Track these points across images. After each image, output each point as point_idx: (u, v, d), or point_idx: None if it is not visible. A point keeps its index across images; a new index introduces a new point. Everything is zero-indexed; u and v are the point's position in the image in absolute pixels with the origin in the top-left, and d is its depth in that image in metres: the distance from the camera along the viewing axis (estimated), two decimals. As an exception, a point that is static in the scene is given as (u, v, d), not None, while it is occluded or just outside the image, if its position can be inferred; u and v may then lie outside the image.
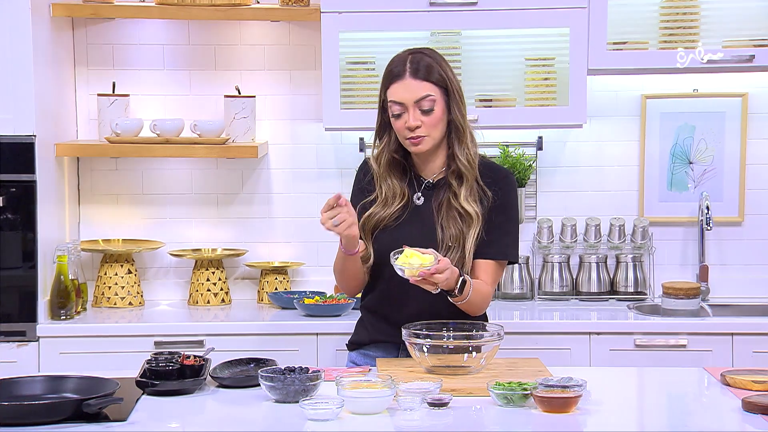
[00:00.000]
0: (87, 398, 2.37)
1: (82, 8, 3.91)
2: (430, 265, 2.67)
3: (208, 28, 4.11)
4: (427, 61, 2.88)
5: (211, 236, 4.18)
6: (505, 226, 2.91)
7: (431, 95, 2.85)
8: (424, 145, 2.87)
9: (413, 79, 2.85)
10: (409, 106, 2.85)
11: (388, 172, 2.93)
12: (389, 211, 2.91)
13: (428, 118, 2.85)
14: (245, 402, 2.57)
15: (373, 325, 2.99)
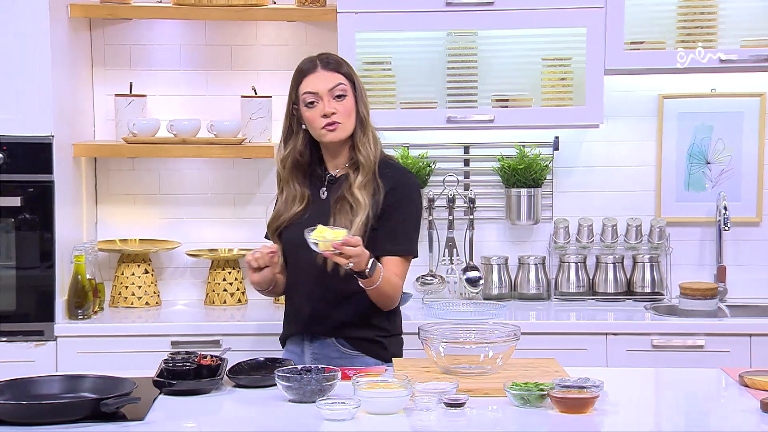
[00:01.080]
0: (104, 398, 2.38)
1: (100, 9, 3.93)
2: (340, 237, 2.74)
3: (224, 29, 4.12)
4: (335, 57, 3.07)
5: (228, 236, 4.19)
6: (409, 222, 3.02)
7: (343, 84, 3.00)
8: (339, 132, 2.99)
9: (324, 70, 3.01)
10: (323, 95, 2.98)
11: (291, 175, 3.06)
12: (289, 214, 3.04)
13: (342, 105, 2.98)
14: (261, 402, 2.58)
15: (286, 319, 3.12)
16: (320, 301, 3.01)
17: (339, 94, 2.99)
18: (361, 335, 3.00)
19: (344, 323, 3.01)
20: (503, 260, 4.11)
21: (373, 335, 3.02)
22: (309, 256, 2.92)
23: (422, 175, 4.10)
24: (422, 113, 3.96)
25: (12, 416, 2.33)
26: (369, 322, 3.02)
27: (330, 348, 3.02)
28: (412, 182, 3.07)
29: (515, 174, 4.07)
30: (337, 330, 3.02)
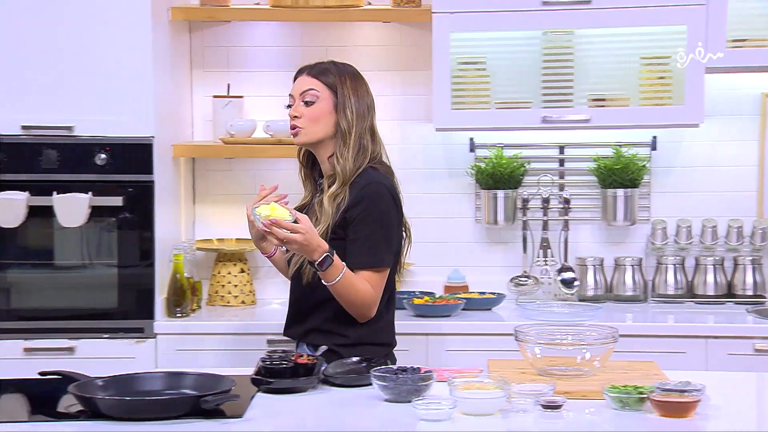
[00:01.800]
0: (204, 395, 2.41)
1: (199, 11, 3.99)
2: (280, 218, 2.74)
3: (319, 30, 4.15)
4: (327, 66, 3.05)
5: (322, 236, 4.21)
6: (375, 234, 2.94)
7: (314, 90, 2.99)
8: (300, 137, 3.00)
9: (306, 75, 3.03)
10: (296, 98, 3.01)
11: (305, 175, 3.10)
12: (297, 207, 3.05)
13: (308, 111, 2.98)
14: (357, 401, 2.58)
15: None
16: (296, 306, 3.05)
17: (307, 100, 2.98)
18: (322, 343, 2.94)
19: (312, 329, 3.00)
20: (599, 261, 4.07)
21: (330, 343, 2.94)
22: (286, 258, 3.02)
23: (516, 175, 4.07)
24: (517, 113, 3.93)
25: (115, 411, 2.37)
26: (334, 330, 2.97)
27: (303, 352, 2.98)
28: (376, 193, 2.96)
29: (612, 174, 4.02)
30: (307, 336, 3.01)
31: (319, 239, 2.80)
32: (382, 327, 3.02)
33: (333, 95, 2.99)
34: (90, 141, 3.71)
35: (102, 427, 2.34)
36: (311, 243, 2.79)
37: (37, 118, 3.69)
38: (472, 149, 4.12)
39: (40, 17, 3.68)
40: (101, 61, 3.68)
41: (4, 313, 3.75)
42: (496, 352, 3.15)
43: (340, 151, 2.98)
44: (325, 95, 2.99)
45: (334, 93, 2.99)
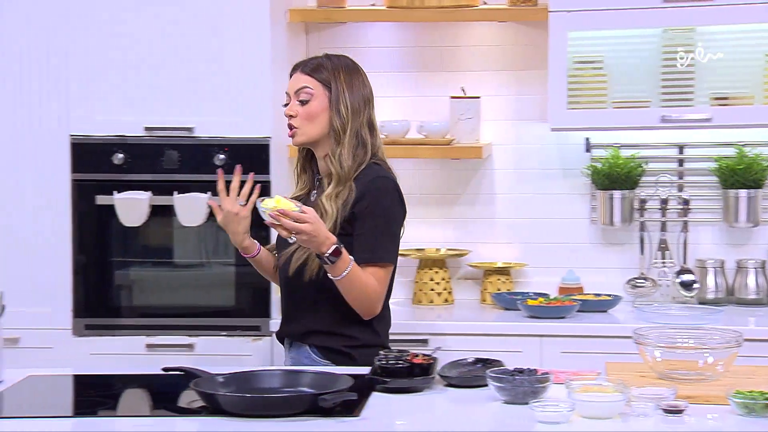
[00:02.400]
0: (322, 393, 2.43)
1: (317, 13, 4.03)
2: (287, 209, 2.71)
3: (434, 30, 4.15)
4: (321, 61, 3.02)
5: (435, 236, 4.21)
6: (380, 230, 2.92)
7: (308, 87, 2.96)
8: (297, 137, 2.98)
9: (300, 72, 3.00)
10: (291, 96, 2.99)
11: (303, 169, 3.06)
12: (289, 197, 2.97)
13: (303, 110, 2.95)
14: (473, 401, 2.57)
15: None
16: (292, 306, 2.99)
17: (302, 99, 2.96)
18: (328, 344, 2.93)
19: (314, 330, 2.95)
20: (719, 263, 3.97)
21: (339, 345, 2.94)
22: (283, 261, 2.95)
23: (633, 175, 4.01)
24: (635, 113, 3.87)
25: (235, 408, 2.41)
26: (337, 331, 2.94)
27: (303, 354, 2.97)
28: (382, 188, 2.94)
29: (734, 174, 3.92)
30: (308, 336, 2.96)
31: (327, 231, 2.79)
32: (384, 326, 3.03)
33: (327, 92, 2.96)
34: (209, 141, 3.79)
35: (223, 424, 2.37)
36: (320, 233, 2.76)
37: (159, 119, 3.78)
38: (588, 149, 4.07)
39: (162, 21, 3.77)
40: (221, 64, 3.75)
41: (127, 310, 3.86)
42: (613, 355, 3.09)
43: (334, 150, 2.94)
44: (320, 92, 2.96)
45: (328, 89, 2.96)
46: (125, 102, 3.79)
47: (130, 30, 3.77)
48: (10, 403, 2.59)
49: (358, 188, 2.93)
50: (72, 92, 3.79)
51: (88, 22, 3.78)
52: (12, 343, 3.51)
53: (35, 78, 3.80)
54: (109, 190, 3.79)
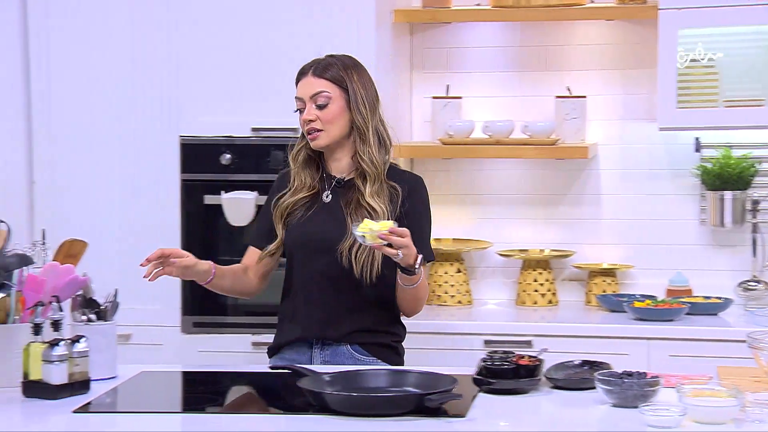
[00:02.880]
0: (428, 393, 2.42)
1: (422, 14, 4.03)
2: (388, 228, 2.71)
3: (539, 29, 4.12)
4: (330, 61, 2.99)
5: (539, 237, 4.18)
6: (427, 227, 3.01)
7: (326, 92, 2.94)
8: (320, 140, 2.95)
9: (312, 76, 2.97)
10: (306, 101, 2.95)
11: (302, 168, 3.01)
12: (296, 198, 2.98)
13: (322, 113, 2.93)
14: (580, 404, 2.54)
15: (287, 324, 3.01)
16: (335, 307, 2.94)
17: (320, 103, 2.94)
18: (378, 341, 2.96)
19: (360, 330, 2.95)
20: (836, 266, 3.86)
21: (389, 341, 3.00)
22: (323, 261, 2.91)
23: (745, 176, 3.91)
24: (747, 111, 3.79)
25: (341, 406, 2.42)
26: (383, 329, 2.98)
27: (343, 355, 2.95)
28: (424, 186, 3.03)
29: None
30: (351, 336, 2.95)
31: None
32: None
33: (344, 93, 2.96)
34: (315, 142, 3.82)
35: (329, 422, 2.39)
36: (412, 244, 2.79)
37: (266, 120, 3.82)
38: (697, 149, 3.99)
39: (268, 23, 3.81)
40: (326, 64, 3.77)
41: (234, 308, 3.91)
42: (724, 359, 3.04)
43: (361, 149, 2.95)
44: (336, 94, 2.95)
45: (344, 90, 2.96)
46: (233, 103, 3.85)
47: (237, 32, 3.83)
48: (124, 399, 2.65)
49: (401, 186, 2.96)
50: (182, 94, 3.86)
51: (197, 26, 3.85)
52: (124, 339, 3.59)
53: (147, 81, 3.88)
54: (216, 190, 3.85)
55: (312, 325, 2.96)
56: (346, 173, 3.01)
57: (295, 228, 2.99)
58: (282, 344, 3.01)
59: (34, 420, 2.47)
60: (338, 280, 2.93)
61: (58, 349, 2.53)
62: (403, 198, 2.95)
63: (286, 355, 3.00)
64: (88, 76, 3.91)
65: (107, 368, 2.72)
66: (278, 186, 3.08)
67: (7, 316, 2.65)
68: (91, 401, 2.54)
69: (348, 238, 2.90)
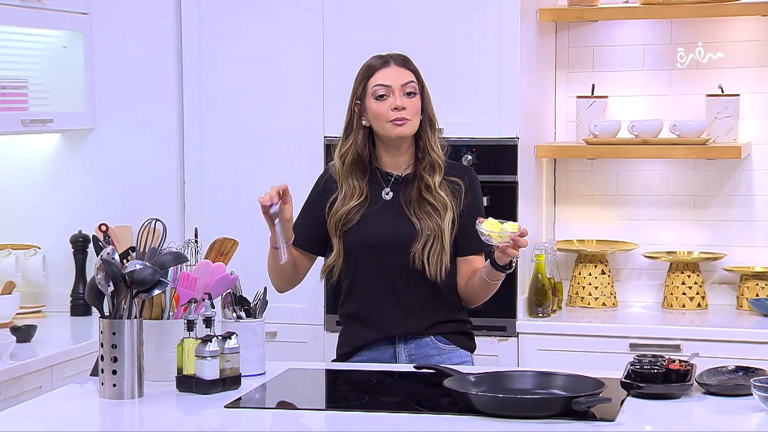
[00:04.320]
0: (576, 396, 2.39)
1: (568, 12, 3.98)
2: (517, 229, 2.75)
3: (689, 26, 4.02)
4: (405, 56, 3.02)
5: (687, 239, 4.08)
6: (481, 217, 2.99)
7: (413, 81, 2.97)
8: (407, 128, 2.94)
9: (398, 66, 2.98)
10: (395, 89, 2.94)
11: (350, 170, 2.98)
12: (347, 207, 2.96)
13: (411, 102, 2.94)
14: (734, 411, 2.47)
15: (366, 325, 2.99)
16: (413, 302, 2.96)
17: (410, 91, 2.94)
18: (457, 329, 3.03)
19: (439, 321, 3.00)
20: None
21: (465, 328, 3.07)
22: (395, 261, 2.91)
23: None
24: None
25: (487, 407, 2.41)
26: (457, 317, 3.05)
27: (428, 346, 2.99)
28: (477, 179, 3.07)
29: None
30: (432, 328, 2.99)
31: None
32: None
33: (419, 86, 2.99)
34: (458, 142, 3.80)
35: (474, 423, 2.38)
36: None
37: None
38: None
39: (409, 21, 3.81)
40: (470, 64, 3.77)
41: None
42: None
43: (432, 140, 2.98)
44: (417, 86, 2.98)
45: (419, 82, 2.99)
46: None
47: (380, 31, 3.84)
48: (272, 395, 2.70)
49: (463, 180, 3.00)
50: (327, 96, 3.90)
51: (341, 28, 3.88)
52: (270, 337, 3.66)
53: (294, 83, 3.94)
54: (359, 191, 3.87)
55: (394, 323, 2.98)
56: (403, 169, 3.02)
57: (357, 231, 2.98)
58: (360, 346, 3.01)
59: (187, 414, 2.54)
60: (411, 277, 2.96)
61: (211, 345, 2.60)
62: (465, 191, 2.99)
63: (365, 355, 3.01)
64: (238, 78, 4.00)
65: (256, 365, 2.77)
66: (323, 189, 3.06)
67: (162, 312, 2.73)
68: (241, 396, 2.60)
69: (420, 239, 2.93)
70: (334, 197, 3.01)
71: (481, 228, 2.80)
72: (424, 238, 2.93)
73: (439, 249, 2.94)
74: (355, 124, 3.02)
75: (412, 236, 2.94)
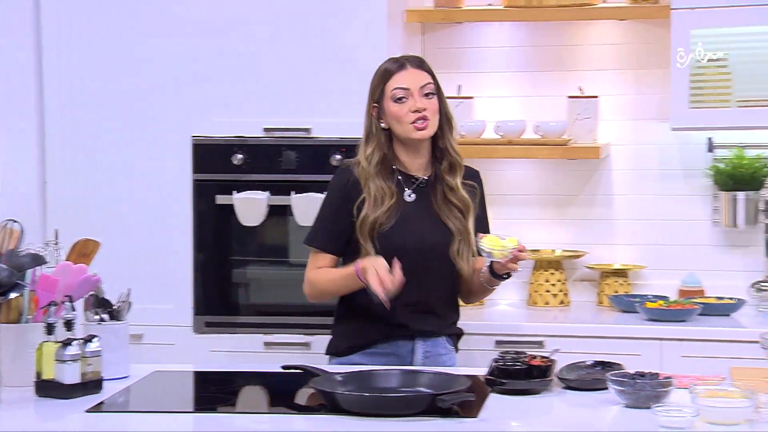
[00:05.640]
0: (441, 393, 2.42)
1: (435, 14, 4.03)
2: (517, 244, 2.84)
3: (551, 29, 4.11)
4: (420, 57, 3.08)
5: (551, 237, 4.17)
6: (487, 219, 3.15)
7: (431, 82, 2.99)
8: (429, 130, 2.97)
9: (415, 68, 3.00)
10: (414, 91, 2.96)
11: (377, 171, 2.98)
12: (381, 211, 2.96)
13: (431, 103, 2.97)
14: (592, 405, 2.54)
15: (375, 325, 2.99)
16: (436, 301, 3.03)
17: (428, 92, 2.97)
18: (457, 331, 3.13)
19: (453, 321, 3.11)
20: None
21: (460, 330, 3.15)
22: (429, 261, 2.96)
23: (758, 176, 3.90)
24: (760, 111, 3.78)
25: (354, 406, 2.42)
26: (458, 319, 3.13)
27: (440, 345, 3.06)
28: (481, 179, 3.13)
29: None
30: (448, 328, 3.08)
31: None
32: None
33: (436, 87, 3.02)
34: (326, 142, 3.82)
35: (341, 422, 2.39)
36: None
37: (278, 121, 3.83)
38: (710, 149, 3.98)
39: (280, 23, 3.81)
40: (338, 65, 3.78)
41: (246, 308, 3.92)
42: (737, 360, 3.04)
43: (451, 140, 3.03)
44: (435, 87, 3.01)
45: (436, 83, 3.02)
46: (245, 104, 3.85)
47: (249, 33, 3.83)
48: (137, 398, 2.66)
49: (474, 180, 3.06)
50: (193, 95, 3.86)
51: (210, 26, 3.85)
52: (136, 339, 3.58)
53: (159, 81, 3.89)
54: (228, 190, 3.85)
55: (418, 321, 3.01)
56: (423, 171, 3.05)
57: (396, 235, 2.97)
58: (377, 340, 3.01)
59: (47, 419, 2.48)
60: (439, 278, 3.01)
61: (71, 348, 2.55)
62: (477, 192, 3.07)
63: (382, 347, 3.02)
64: (101, 76, 3.91)
65: (120, 368, 2.72)
66: (349, 192, 3.02)
67: (20, 316, 2.66)
68: (103, 401, 2.56)
69: (456, 240, 2.98)
70: (361, 200, 2.99)
71: (482, 245, 2.86)
72: (458, 240, 2.99)
73: (468, 249, 3.00)
74: (374, 127, 3.04)
75: (450, 239, 2.99)
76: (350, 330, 3.07)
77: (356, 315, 3.05)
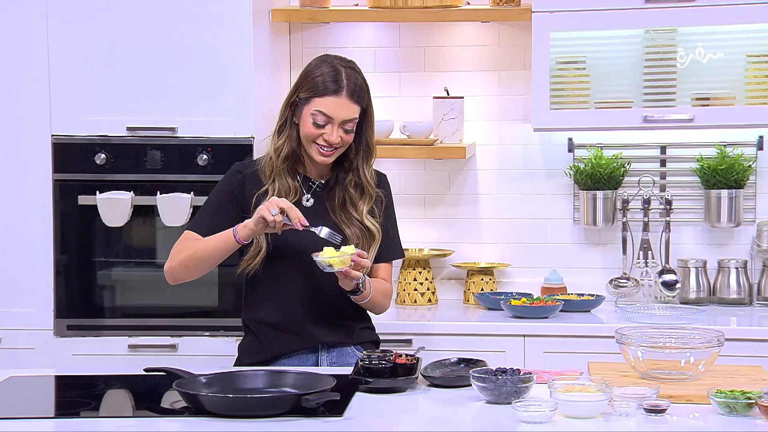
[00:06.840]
0: (305, 393, 2.43)
1: (301, 13, 4.03)
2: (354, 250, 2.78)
3: (418, 30, 4.15)
4: (361, 82, 2.96)
5: (418, 236, 4.21)
6: (394, 227, 3.09)
7: (355, 119, 2.93)
8: (332, 158, 2.95)
9: (348, 99, 2.92)
10: (335, 122, 2.91)
11: (283, 166, 2.96)
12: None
13: (347, 138, 2.93)
14: (456, 402, 2.58)
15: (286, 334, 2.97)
16: (335, 311, 2.98)
17: (348, 128, 2.92)
18: (371, 338, 3.07)
19: (359, 329, 3.03)
20: (701, 263, 3.99)
21: (375, 337, 3.10)
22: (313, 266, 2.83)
23: (616, 176, 4.02)
24: (617, 113, 3.88)
25: (218, 408, 2.40)
26: (369, 325, 3.08)
27: (348, 355, 3.01)
28: (389, 186, 3.10)
29: (715, 175, 3.94)
30: (354, 337, 3.02)
31: None
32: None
33: (362, 114, 2.96)
34: (192, 141, 3.78)
35: (206, 424, 2.37)
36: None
37: (142, 119, 3.77)
38: (570, 149, 4.08)
39: (143, 20, 3.75)
40: (204, 64, 3.74)
41: (110, 311, 3.85)
42: (596, 355, 3.12)
43: (367, 166, 3.00)
44: (359, 120, 2.96)
45: (363, 111, 2.97)
46: (108, 102, 3.78)
47: (112, 29, 3.76)
48: (-8, 404, 2.58)
49: (382, 188, 3.04)
50: (54, 92, 3.77)
51: (69, 21, 3.76)
52: (-7, 343, 3.50)
53: (16, 77, 3.78)
54: (91, 190, 3.77)
55: (319, 333, 2.96)
56: (325, 176, 3.01)
57: (289, 234, 2.87)
58: (281, 354, 2.97)
59: None
60: (336, 285, 2.89)
61: None
62: (382, 199, 3.03)
63: (285, 363, 2.95)
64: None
65: (-25, 374, 2.64)
66: (247, 182, 2.99)
67: None
68: (-44, 408, 2.47)
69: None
70: (261, 191, 2.94)
71: (318, 259, 2.77)
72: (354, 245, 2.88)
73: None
74: (289, 121, 2.98)
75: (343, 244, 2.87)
76: (254, 344, 3.02)
77: (260, 328, 3.01)
